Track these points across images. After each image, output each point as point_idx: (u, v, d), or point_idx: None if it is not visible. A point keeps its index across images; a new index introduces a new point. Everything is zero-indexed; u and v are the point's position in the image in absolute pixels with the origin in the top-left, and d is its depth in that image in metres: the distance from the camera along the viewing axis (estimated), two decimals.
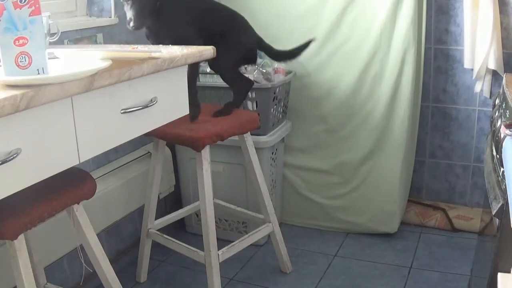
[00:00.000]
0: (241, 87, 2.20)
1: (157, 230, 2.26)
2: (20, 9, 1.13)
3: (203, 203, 1.95)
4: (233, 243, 2.10)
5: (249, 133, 2.11)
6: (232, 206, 2.45)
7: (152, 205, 2.21)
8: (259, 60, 2.48)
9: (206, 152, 1.92)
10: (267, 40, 2.64)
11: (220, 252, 2.02)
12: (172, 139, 2.00)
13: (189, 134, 1.92)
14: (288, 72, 2.54)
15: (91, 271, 1.70)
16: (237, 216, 2.52)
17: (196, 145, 1.89)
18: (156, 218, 2.29)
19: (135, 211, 2.38)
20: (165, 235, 2.20)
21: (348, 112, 2.55)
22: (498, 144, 1.40)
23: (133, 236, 2.44)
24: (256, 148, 2.38)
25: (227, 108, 2.15)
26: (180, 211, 2.44)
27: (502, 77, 1.87)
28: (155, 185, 2.18)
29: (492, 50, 2.30)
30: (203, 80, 2.46)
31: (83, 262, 1.70)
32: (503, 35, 2.34)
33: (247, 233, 2.26)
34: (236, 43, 2.14)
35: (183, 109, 1.66)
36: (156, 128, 1.55)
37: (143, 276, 2.31)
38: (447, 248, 2.49)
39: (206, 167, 1.93)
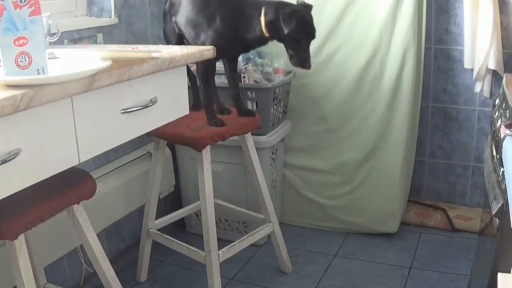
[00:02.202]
0: None
1: (157, 230, 2.26)
2: (20, 9, 1.13)
3: (203, 203, 1.95)
4: (233, 243, 2.10)
5: (250, 133, 2.11)
6: (232, 206, 2.44)
7: (153, 205, 2.21)
8: (259, 60, 2.48)
9: (207, 152, 1.92)
10: None
11: (220, 252, 2.02)
12: (172, 139, 2.01)
13: (190, 134, 1.92)
14: (288, 72, 2.54)
15: (91, 271, 1.70)
16: (237, 216, 2.52)
17: (197, 145, 1.89)
18: (156, 218, 2.30)
19: (135, 211, 2.38)
20: (165, 235, 2.20)
21: (348, 112, 2.55)
22: (498, 144, 1.40)
23: (133, 236, 2.44)
24: (256, 148, 2.38)
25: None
26: (180, 211, 2.44)
27: (502, 77, 1.87)
28: (155, 185, 2.18)
29: (492, 50, 2.30)
30: None
31: (83, 262, 1.70)
32: (503, 35, 2.34)
33: (247, 233, 2.26)
34: None
35: (183, 109, 1.66)
36: (157, 128, 1.55)
37: (143, 276, 2.31)
38: (447, 248, 2.49)
39: (207, 167, 1.93)
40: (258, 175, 2.18)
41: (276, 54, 2.54)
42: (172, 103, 1.60)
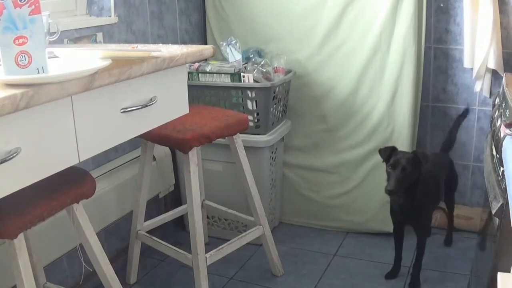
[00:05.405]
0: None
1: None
2: (20, 8, 1.13)
3: (190, 206, 1.93)
4: (221, 246, 2.08)
5: (238, 134, 2.09)
6: (224, 208, 2.43)
7: (141, 207, 2.19)
8: (258, 60, 2.48)
9: (193, 154, 1.90)
10: (267, 39, 2.64)
11: (208, 255, 2.00)
12: (159, 140, 1.98)
13: (176, 135, 1.89)
14: (288, 72, 2.54)
15: (91, 270, 1.70)
16: (229, 217, 2.51)
17: (183, 147, 1.87)
18: (154, 217, 2.30)
19: None
20: (153, 237, 2.18)
21: (348, 111, 2.55)
22: (498, 143, 1.40)
23: None
24: (255, 148, 2.39)
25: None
26: (170, 212, 2.41)
27: (502, 77, 1.87)
28: (143, 186, 2.15)
29: (492, 50, 2.30)
30: (202, 80, 2.46)
31: (82, 261, 1.70)
32: (502, 35, 2.34)
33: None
34: None
35: (183, 109, 1.66)
36: None
37: (132, 278, 2.30)
38: (447, 247, 2.49)
39: (193, 169, 1.90)
40: (248, 177, 2.16)
41: (276, 53, 2.54)
42: (172, 102, 1.60)
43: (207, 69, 2.45)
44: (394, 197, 2.10)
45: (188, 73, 2.44)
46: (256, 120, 2.42)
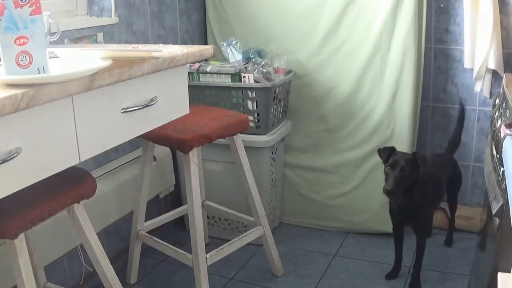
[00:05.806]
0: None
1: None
2: (21, 8, 1.13)
3: (190, 206, 1.93)
4: (222, 246, 2.08)
5: (239, 134, 2.09)
6: (224, 208, 2.43)
7: (142, 207, 2.19)
8: (259, 60, 2.48)
9: (194, 155, 1.90)
10: (267, 39, 2.65)
11: (208, 255, 2.00)
12: (159, 140, 1.98)
13: (177, 135, 1.89)
14: (288, 72, 2.54)
15: (91, 270, 1.70)
16: (230, 217, 2.51)
17: (183, 147, 1.87)
18: (154, 217, 2.30)
19: None
20: (154, 237, 2.18)
21: (348, 111, 2.55)
22: (498, 143, 1.40)
23: None
24: (256, 148, 2.39)
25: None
26: (170, 212, 2.41)
27: (502, 77, 1.87)
28: (144, 187, 2.15)
29: (492, 50, 2.30)
30: (203, 80, 2.46)
31: (83, 261, 1.70)
32: (503, 35, 2.34)
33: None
34: None
35: (183, 109, 1.66)
36: None
37: (133, 278, 2.30)
38: (447, 248, 2.49)
39: (194, 170, 1.91)
40: (248, 177, 2.16)
41: (276, 53, 2.54)
42: (173, 102, 1.60)
43: (208, 69, 2.45)
44: (392, 198, 2.10)
45: (189, 73, 2.44)
46: (256, 121, 2.42)
